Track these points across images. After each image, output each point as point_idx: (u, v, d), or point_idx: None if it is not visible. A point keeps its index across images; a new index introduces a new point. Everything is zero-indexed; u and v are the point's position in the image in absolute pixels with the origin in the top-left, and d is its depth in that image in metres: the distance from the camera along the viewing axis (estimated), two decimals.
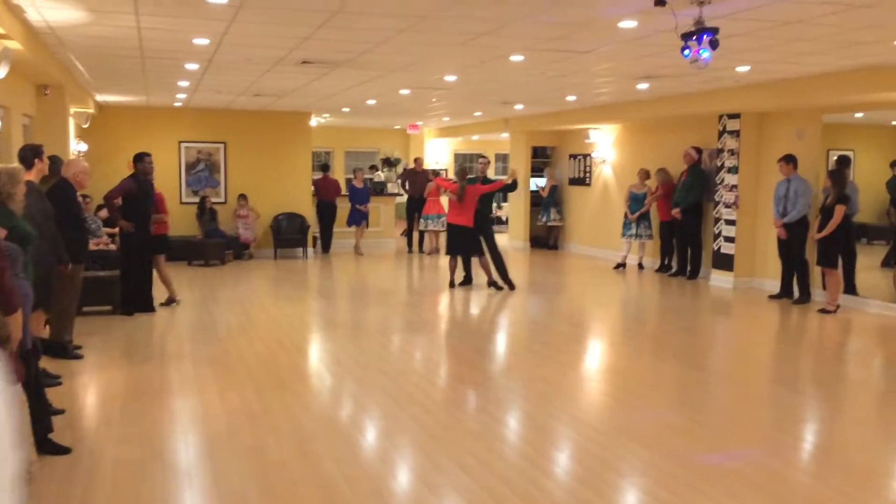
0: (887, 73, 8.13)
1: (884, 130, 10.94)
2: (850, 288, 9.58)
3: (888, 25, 6.11)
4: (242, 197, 14.33)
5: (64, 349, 6.63)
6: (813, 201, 9.70)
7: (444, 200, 13.11)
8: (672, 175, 12.49)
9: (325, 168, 16.06)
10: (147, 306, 8.68)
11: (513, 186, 11.26)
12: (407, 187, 15.75)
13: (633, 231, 12.94)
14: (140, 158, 8.87)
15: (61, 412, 5.04)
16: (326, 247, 15.41)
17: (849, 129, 10.89)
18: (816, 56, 7.63)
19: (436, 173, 16.36)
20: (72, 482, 4.11)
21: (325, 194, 15.25)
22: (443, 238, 15.99)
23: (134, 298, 8.59)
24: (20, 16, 6.16)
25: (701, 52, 5.53)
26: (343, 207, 15.43)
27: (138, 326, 8.12)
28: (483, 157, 11.67)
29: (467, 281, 10.96)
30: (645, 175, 12.87)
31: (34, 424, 4.30)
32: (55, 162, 6.94)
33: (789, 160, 9.77)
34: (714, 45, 5.53)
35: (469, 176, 10.64)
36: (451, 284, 10.89)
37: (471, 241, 10.61)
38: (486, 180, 10.83)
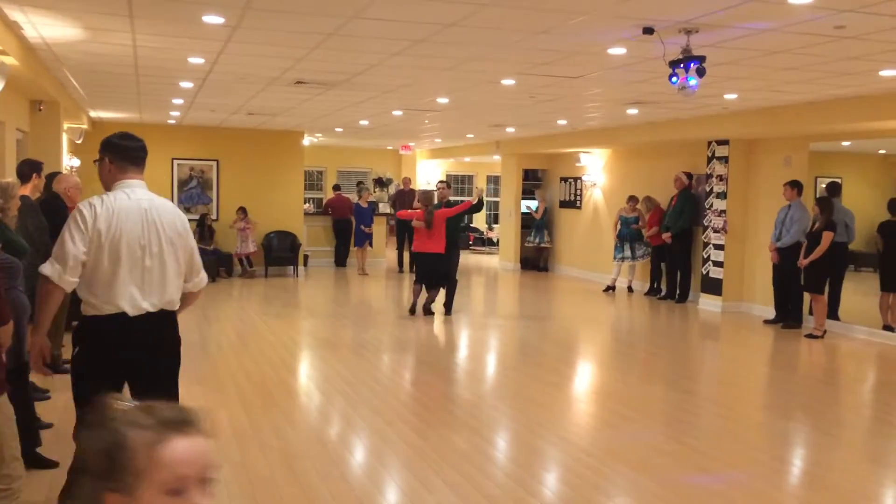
0: (873, 103, 8.27)
1: (871, 159, 11.11)
2: (834, 314, 9.68)
3: (872, 56, 6.24)
4: (242, 210, 14.33)
5: (54, 363, 6.61)
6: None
7: None
8: (658, 201, 12.65)
9: (337, 188, 16.52)
10: None
11: (478, 206, 10.74)
12: (397, 207, 15.87)
13: (625, 254, 13.02)
14: None
15: (49, 426, 5.05)
16: (343, 261, 16.22)
17: (836, 157, 11.05)
18: (803, 85, 7.76)
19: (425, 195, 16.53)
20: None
21: (341, 213, 15.92)
22: None
23: None
24: (17, 32, 6.22)
25: (688, 79, 5.65)
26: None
27: None
28: (441, 181, 11.04)
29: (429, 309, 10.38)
30: (634, 201, 12.98)
31: (22, 438, 4.29)
32: (48, 177, 6.97)
33: (794, 185, 9.84)
34: (701, 72, 5.65)
35: (434, 202, 10.31)
36: (412, 310, 10.29)
37: (444, 269, 10.18)
38: (448, 204, 10.57)
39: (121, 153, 3.54)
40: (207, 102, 10.70)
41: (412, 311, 10.30)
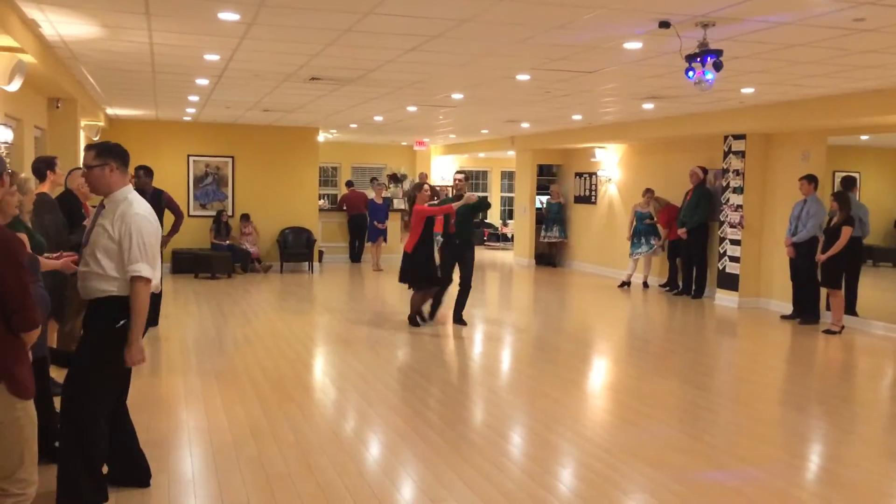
0: (892, 96, 8.18)
1: (890, 153, 10.99)
2: (851, 309, 9.60)
3: (892, 49, 6.17)
4: (245, 217, 14.47)
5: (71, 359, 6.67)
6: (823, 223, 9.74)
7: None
8: (667, 200, 12.62)
9: (350, 184, 16.57)
10: (153, 319, 8.70)
11: (481, 205, 9.53)
12: (412, 203, 15.85)
13: (641, 249, 12.93)
14: (135, 173, 8.76)
15: None
16: (358, 257, 16.36)
17: (855, 151, 10.94)
18: (821, 79, 7.69)
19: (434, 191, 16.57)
20: None
21: (356, 208, 15.95)
22: None
23: None
24: (35, 30, 6.27)
25: (705, 73, 5.62)
26: None
27: (145, 339, 8.15)
28: (459, 172, 9.28)
29: (433, 312, 9.56)
30: (650, 194, 12.92)
31: (40, 433, 4.33)
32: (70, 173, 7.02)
33: (811, 180, 9.77)
34: (718, 67, 5.62)
35: (415, 196, 9.22)
36: (419, 318, 9.42)
37: (412, 271, 9.12)
38: (446, 200, 9.54)
39: (124, 160, 3.94)
40: (223, 99, 10.74)
41: (423, 318, 9.49)
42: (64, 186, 6.68)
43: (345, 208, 16.27)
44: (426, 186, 9.43)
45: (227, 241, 14.17)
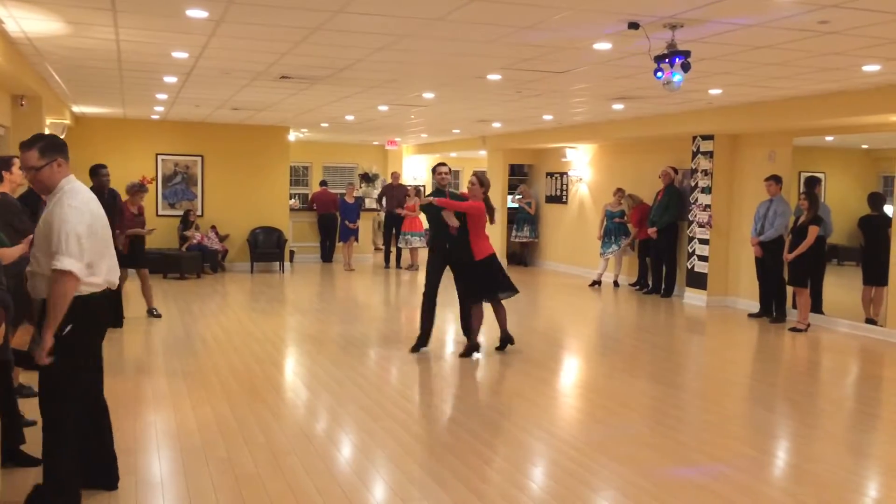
0: (856, 98, 8.33)
1: (854, 153, 11.18)
2: (818, 307, 9.76)
3: (856, 51, 6.28)
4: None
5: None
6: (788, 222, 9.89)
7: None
8: (641, 198, 12.73)
9: (323, 183, 16.48)
10: (116, 321, 8.56)
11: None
12: (384, 203, 15.81)
13: (612, 248, 13.01)
14: (95, 171, 8.61)
15: (33, 423, 4.99)
16: (329, 257, 16.31)
17: (820, 152, 11.12)
18: (786, 80, 7.81)
19: (417, 191, 16.54)
20: None
21: (325, 208, 15.88)
22: (423, 254, 16.03)
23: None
24: None
25: (673, 74, 5.67)
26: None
27: (110, 340, 8.04)
28: (443, 164, 8.20)
29: (475, 346, 7.90)
30: (621, 193, 13.03)
31: (5, 436, 4.26)
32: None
33: (778, 180, 9.94)
34: (686, 67, 5.68)
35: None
36: (475, 348, 7.83)
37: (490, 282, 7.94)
38: (453, 195, 8.04)
39: (67, 152, 3.84)
40: (192, 97, 10.63)
41: (475, 349, 7.86)
42: (20, 183, 6.53)
43: (314, 208, 16.19)
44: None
45: (196, 242, 14.01)
